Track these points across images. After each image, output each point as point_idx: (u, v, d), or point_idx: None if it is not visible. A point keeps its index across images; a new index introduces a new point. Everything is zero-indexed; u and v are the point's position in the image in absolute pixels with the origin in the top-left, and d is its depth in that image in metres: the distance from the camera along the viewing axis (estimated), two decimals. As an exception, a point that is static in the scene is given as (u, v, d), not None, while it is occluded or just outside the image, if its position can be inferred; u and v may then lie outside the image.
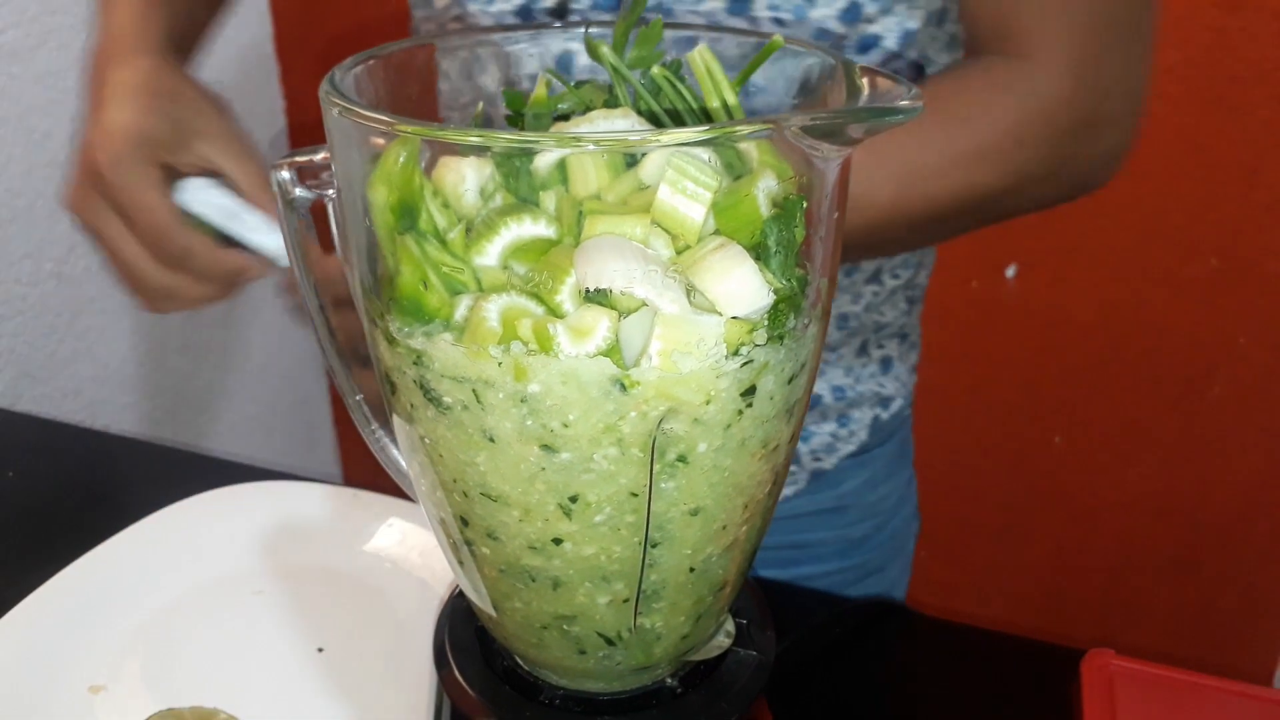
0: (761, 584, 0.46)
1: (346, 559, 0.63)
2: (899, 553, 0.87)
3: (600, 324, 0.31)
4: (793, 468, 0.76)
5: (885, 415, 0.79)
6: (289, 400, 1.52)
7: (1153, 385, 1.25)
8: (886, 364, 0.77)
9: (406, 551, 0.63)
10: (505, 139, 0.30)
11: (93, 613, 0.58)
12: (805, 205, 0.32)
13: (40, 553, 0.62)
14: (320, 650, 0.57)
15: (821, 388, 0.73)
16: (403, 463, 0.41)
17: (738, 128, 0.30)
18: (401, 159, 0.32)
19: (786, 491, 0.77)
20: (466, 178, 0.34)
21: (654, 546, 0.35)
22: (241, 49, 1.33)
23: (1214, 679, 0.55)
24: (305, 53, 1.39)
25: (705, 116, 0.37)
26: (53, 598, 0.58)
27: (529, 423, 0.32)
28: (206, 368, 1.33)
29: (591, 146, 0.31)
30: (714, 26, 0.41)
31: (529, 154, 0.33)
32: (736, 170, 0.34)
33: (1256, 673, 1.31)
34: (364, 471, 0.49)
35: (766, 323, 0.32)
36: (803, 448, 0.75)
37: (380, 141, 0.32)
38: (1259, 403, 1.22)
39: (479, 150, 0.33)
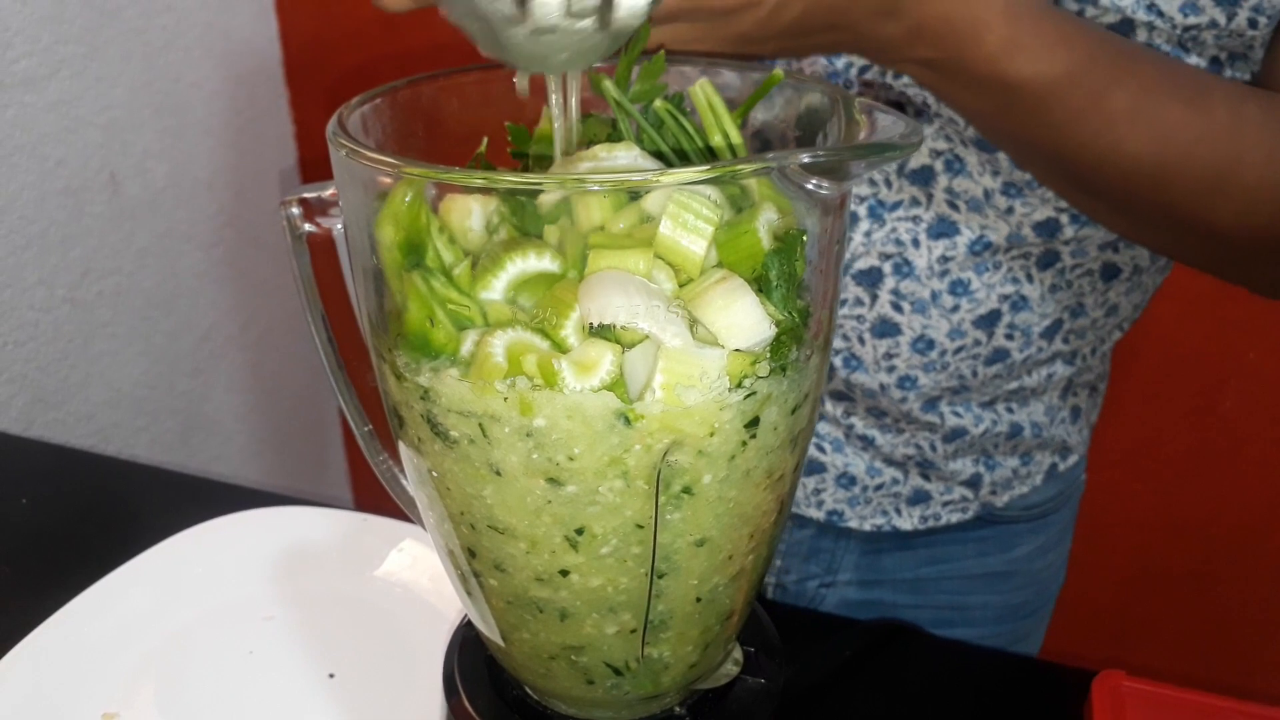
0: (767, 608, 0.47)
1: (357, 584, 0.63)
2: (1043, 622, 0.87)
3: (604, 358, 0.31)
4: (966, 493, 0.76)
5: (1062, 467, 0.78)
6: (300, 424, 1.53)
7: (1163, 401, 1.24)
8: (1076, 414, 0.77)
9: (417, 576, 0.64)
10: (508, 181, 0.31)
11: (105, 640, 0.58)
12: (805, 239, 0.33)
13: (53, 580, 0.62)
14: (331, 676, 0.57)
15: (1023, 419, 0.73)
16: (412, 493, 0.42)
17: (739, 167, 0.30)
18: (408, 199, 0.32)
19: (951, 519, 0.77)
20: (472, 213, 0.35)
21: (660, 577, 0.35)
22: (252, 82, 1.34)
23: (1227, 700, 0.54)
24: (316, 86, 1.40)
25: (708, 150, 0.37)
26: (66, 625, 0.58)
27: (535, 456, 0.32)
28: (218, 391, 1.34)
29: (595, 188, 0.31)
30: (714, 60, 0.41)
31: (533, 195, 0.33)
32: (739, 203, 0.34)
33: (1272, 693, 1.30)
34: (375, 495, 0.49)
35: (769, 355, 0.33)
36: (985, 476, 0.75)
37: (387, 181, 0.33)
38: (1271, 418, 1.21)
39: (483, 191, 0.34)
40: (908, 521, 0.76)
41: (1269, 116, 0.50)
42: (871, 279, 0.65)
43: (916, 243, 0.64)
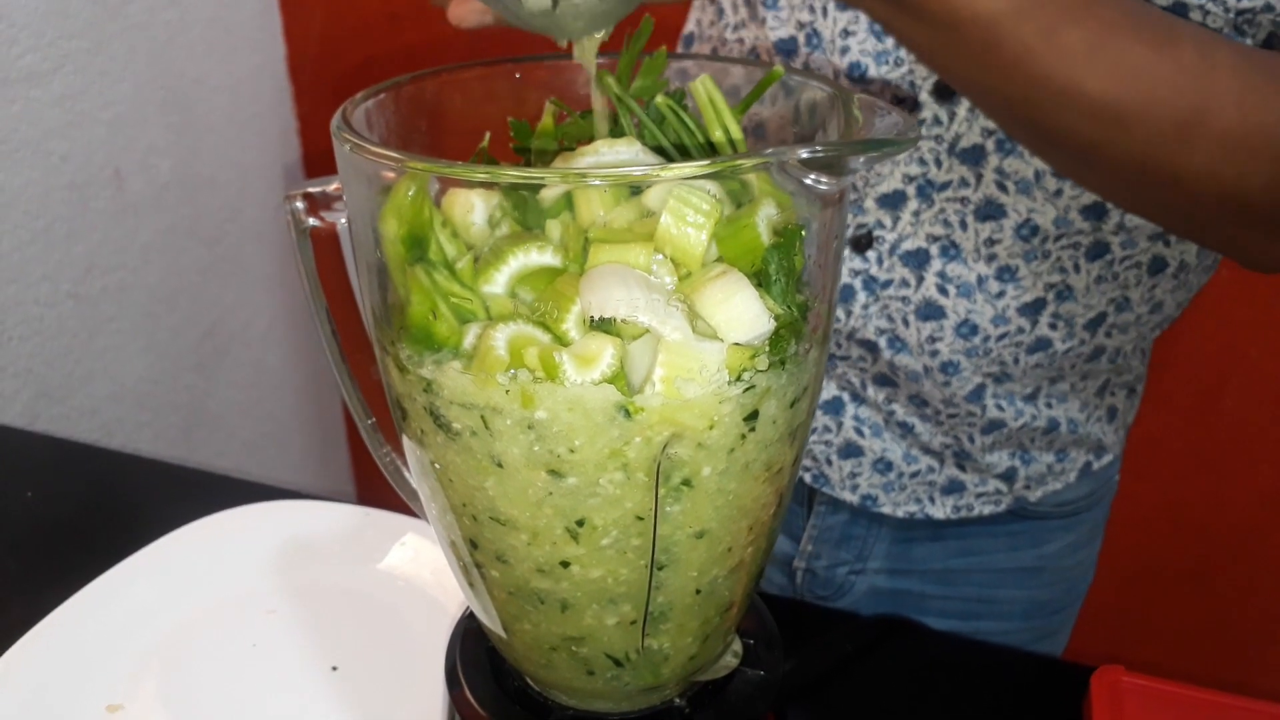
0: (767, 601, 0.47)
1: (360, 578, 0.64)
2: (1070, 619, 0.88)
3: (605, 352, 0.31)
4: (1000, 486, 0.76)
5: (1096, 465, 0.79)
6: (303, 418, 1.54)
7: (1164, 399, 1.24)
8: (1112, 413, 0.78)
9: (419, 569, 0.64)
10: (511, 176, 0.31)
11: (109, 633, 0.59)
12: (805, 233, 0.33)
13: (57, 573, 0.62)
14: (334, 669, 0.57)
15: (1060, 414, 0.73)
16: (414, 485, 0.42)
17: (739, 162, 0.31)
18: (411, 193, 0.32)
19: (984, 510, 0.77)
20: (475, 207, 0.35)
21: (660, 569, 0.35)
22: (256, 77, 1.34)
23: (1226, 695, 0.54)
24: (319, 81, 1.40)
25: (708, 146, 0.38)
26: (70, 618, 0.59)
27: (536, 448, 0.33)
28: (221, 385, 1.35)
29: (597, 182, 0.31)
30: (715, 57, 0.42)
31: (534, 190, 0.34)
32: (739, 198, 0.35)
33: (1271, 689, 1.30)
34: (377, 489, 0.49)
35: (768, 349, 0.33)
36: (1020, 470, 0.75)
37: (391, 175, 0.33)
38: (1271, 415, 1.21)
39: (486, 185, 0.34)
40: (940, 510, 0.77)
41: (1241, 62, 0.49)
42: (918, 260, 0.65)
43: (964, 224, 0.64)
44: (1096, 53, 0.46)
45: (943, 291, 0.66)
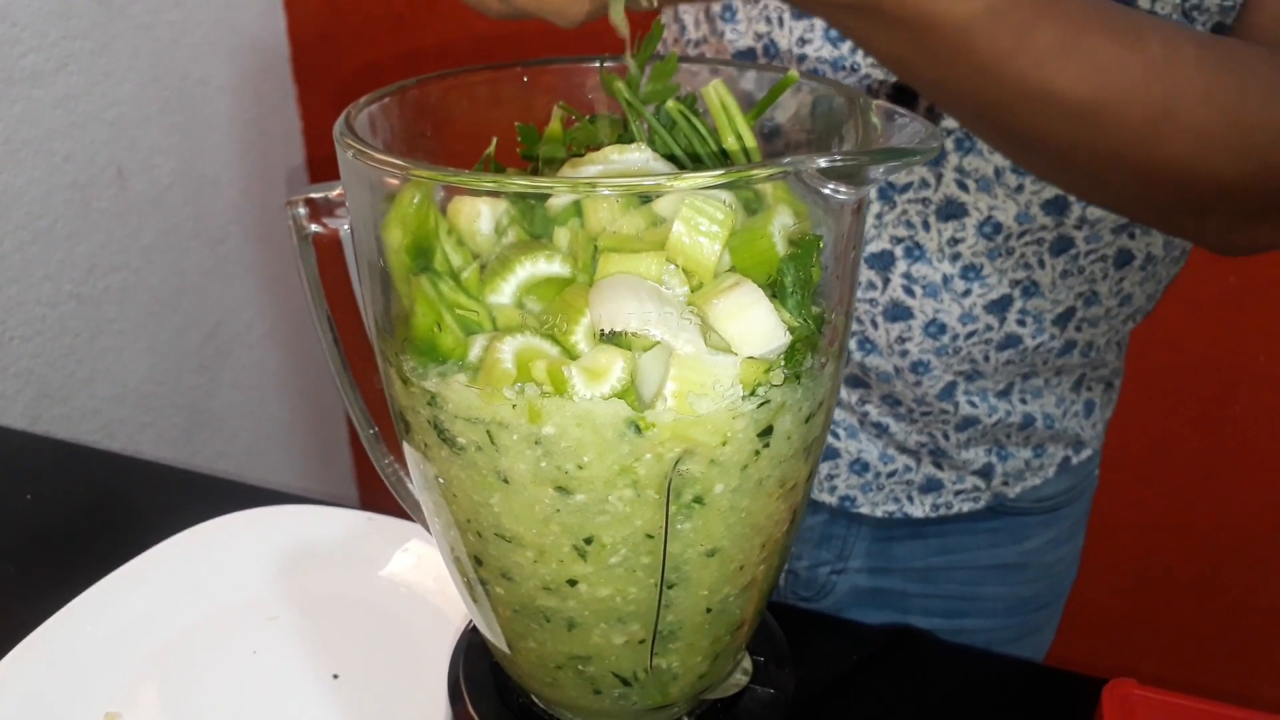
0: (777, 604, 0.46)
1: (362, 584, 0.63)
2: (1055, 615, 0.87)
3: (615, 365, 0.31)
4: (978, 483, 0.76)
5: (1075, 460, 0.79)
6: (306, 419, 1.53)
7: (1172, 405, 1.23)
8: (1089, 408, 0.77)
9: (422, 576, 0.63)
10: (518, 185, 0.30)
11: (108, 639, 0.58)
12: (821, 244, 0.32)
13: (56, 578, 0.62)
14: (335, 677, 0.57)
15: (1035, 410, 0.73)
16: (417, 497, 0.41)
17: (754, 172, 0.30)
18: (416, 201, 0.32)
19: (963, 508, 0.77)
20: (481, 215, 0.34)
21: (670, 588, 0.34)
22: (260, 79, 1.34)
23: (1239, 709, 0.53)
24: (324, 83, 1.40)
25: (720, 152, 0.37)
26: (69, 623, 0.58)
27: (543, 464, 0.32)
28: (223, 387, 1.34)
29: (607, 191, 0.31)
30: (727, 61, 0.41)
31: (543, 199, 0.33)
32: (753, 207, 0.34)
33: (1277, 699, 1.29)
34: (380, 494, 0.49)
35: (783, 362, 0.32)
36: (998, 466, 0.75)
37: (394, 183, 0.32)
38: (1281, 421, 1.21)
39: (492, 194, 0.33)
40: (919, 509, 0.77)
41: (1206, 55, 0.48)
42: (884, 262, 0.66)
43: (926, 225, 0.64)
44: (1069, 52, 0.45)
45: (909, 292, 0.66)
